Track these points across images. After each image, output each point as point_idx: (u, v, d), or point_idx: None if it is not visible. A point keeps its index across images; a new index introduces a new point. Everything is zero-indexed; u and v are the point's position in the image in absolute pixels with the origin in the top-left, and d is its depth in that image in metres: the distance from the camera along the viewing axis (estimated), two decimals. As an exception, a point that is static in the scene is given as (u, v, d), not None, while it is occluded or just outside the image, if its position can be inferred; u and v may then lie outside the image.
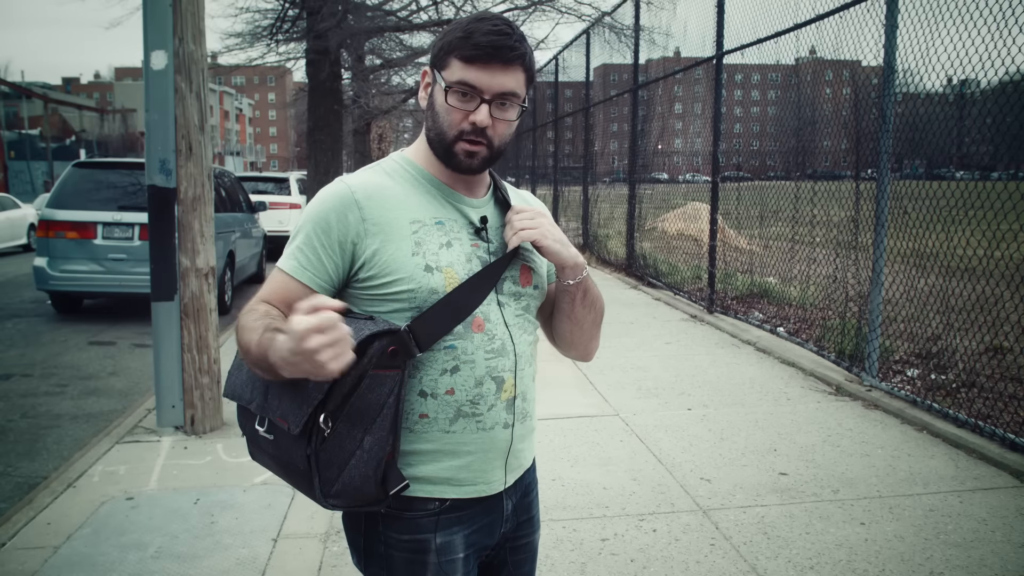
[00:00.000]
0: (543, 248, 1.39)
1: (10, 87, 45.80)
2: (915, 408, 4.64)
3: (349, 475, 1.25)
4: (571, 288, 1.46)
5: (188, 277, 4.35)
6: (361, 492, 1.26)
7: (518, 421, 1.42)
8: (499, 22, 1.31)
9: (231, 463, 4.02)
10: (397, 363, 1.26)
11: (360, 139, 23.95)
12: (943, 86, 4.88)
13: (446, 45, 1.32)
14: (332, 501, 1.26)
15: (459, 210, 1.40)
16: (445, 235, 1.36)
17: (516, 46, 1.30)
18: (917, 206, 4.76)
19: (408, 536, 1.38)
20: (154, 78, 4.26)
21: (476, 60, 1.29)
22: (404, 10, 13.41)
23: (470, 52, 1.29)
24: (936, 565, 2.94)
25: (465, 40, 1.29)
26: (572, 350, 1.59)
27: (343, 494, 1.26)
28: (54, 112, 49.21)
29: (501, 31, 1.30)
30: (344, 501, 1.27)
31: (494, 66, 1.29)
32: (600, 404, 4.99)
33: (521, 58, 1.31)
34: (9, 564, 2.99)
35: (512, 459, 1.44)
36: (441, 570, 1.39)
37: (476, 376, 1.35)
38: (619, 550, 3.08)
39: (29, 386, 5.92)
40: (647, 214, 11.53)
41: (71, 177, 8.32)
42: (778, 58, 7.04)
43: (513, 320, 1.41)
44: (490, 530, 1.46)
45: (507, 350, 1.38)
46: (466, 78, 1.29)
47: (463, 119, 1.31)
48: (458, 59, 1.30)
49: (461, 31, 1.30)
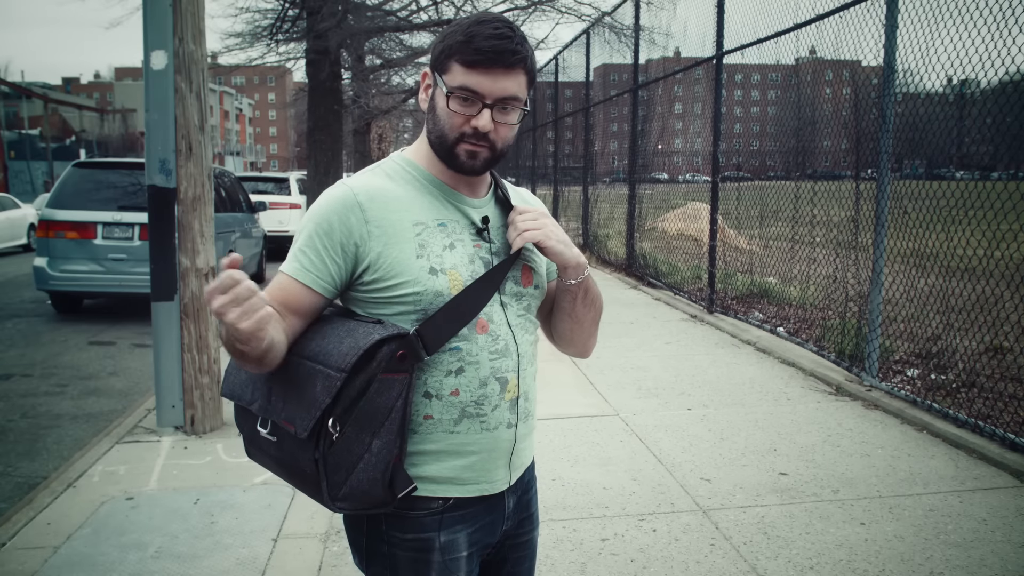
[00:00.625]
0: (546, 249, 1.39)
1: (10, 87, 45.80)
2: (915, 408, 4.64)
3: (357, 479, 1.25)
4: (573, 287, 1.46)
5: (188, 277, 4.35)
6: (369, 495, 1.27)
7: (521, 420, 1.43)
8: (500, 24, 1.29)
9: (231, 463, 4.02)
10: (405, 367, 1.26)
11: (360, 139, 23.95)
12: (943, 86, 4.89)
13: (447, 48, 1.30)
14: (339, 504, 1.26)
15: (461, 211, 1.39)
16: (448, 237, 1.35)
17: (518, 49, 1.28)
18: (917, 206, 4.77)
19: (412, 535, 1.38)
20: (154, 78, 4.26)
21: (478, 65, 1.27)
22: (404, 10, 13.41)
23: (472, 57, 1.27)
24: (936, 565, 2.94)
25: (466, 44, 1.27)
26: (571, 347, 1.59)
27: (350, 497, 1.26)
28: (54, 112, 49.22)
29: (503, 34, 1.28)
30: (351, 504, 1.27)
31: (496, 71, 1.28)
32: (600, 404, 4.99)
33: (523, 61, 1.30)
34: (9, 564, 2.99)
35: (515, 458, 1.45)
36: (446, 568, 1.39)
37: (480, 377, 1.35)
38: (619, 550, 3.08)
39: (29, 386, 5.92)
40: (647, 214, 11.53)
41: (71, 177, 8.32)
42: (778, 58, 7.04)
43: (515, 320, 1.41)
44: (492, 528, 1.46)
45: (510, 350, 1.39)
46: (468, 83, 1.28)
47: (465, 123, 1.31)
48: (459, 63, 1.29)
49: (462, 34, 1.29)
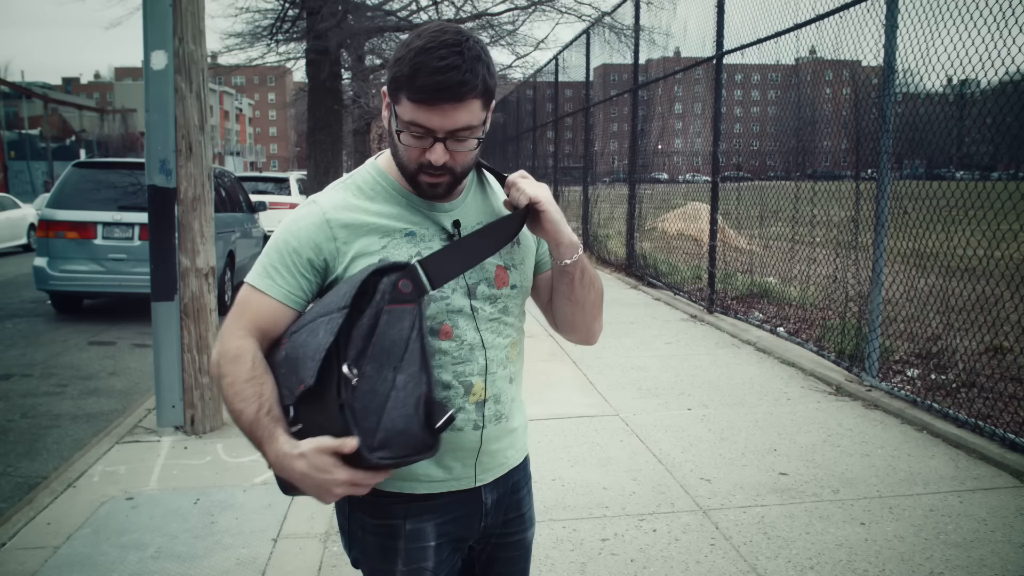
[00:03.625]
0: (544, 215, 1.35)
1: (10, 87, 45.80)
2: (915, 408, 4.64)
3: (390, 418, 1.19)
4: (569, 268, 1.43)
5: (188, 277, 4.35)
6: (406, 435, 1.20)
7: (490, 423, 1.42)
8: (447, 52, 1.21)
9: (231, 463, 4.02)
10: (411, 297, 1.23)
11: (360, 139, 23.98)
12: (943, 86, 4.88)
13: (396, 79, 1.25)
14: (379, 455, 1.18)
15: (430, 217, 1.39)
16: (415, 245, 1.35)
17: (466, 79, 1.21)
18: (917, 206, 4.76)
19: (379, 520, 1.40)
20: (154, 78, 4.26)
21: (424, 102, 1.22)
22: (404, 10, 13.42)
23: (416, 95, 1.22)
24: (936, 565, 2.94)
25: (411, 80, 1.22)
26: (575, 333, 1.55)
27: (388, 443, 1.18)
28: (54, 112, 49.22)
29: (449, 65, 1.20)
30: (392, 452, 1.19)
31: (444, 106, 1.22)
32: (600, 404, 4.99)
33: (473, 90, 1.23)
34: (9, 564, 2.99)
35: (486, 458, 1.44)
36: (410, 556, 1.40)
37: (443, 381, 1.36)
38: (619, 550, 3.08)
39: (29, 386, 5.92)
40: (647, 214, 11.53)
41: (71, 177, 8.32)
42: (778, 58, 7.04)
43: (486, 324, 1.40)
44: (467, 522, 1.46)
45: (475, 356, 1.38)
46: (417, 119, 1.24)
47: (420, 155, 1.29)
48: (407, 98, 1.24)
49: (408, 66, 1.22)
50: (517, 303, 1.47)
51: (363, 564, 1.46)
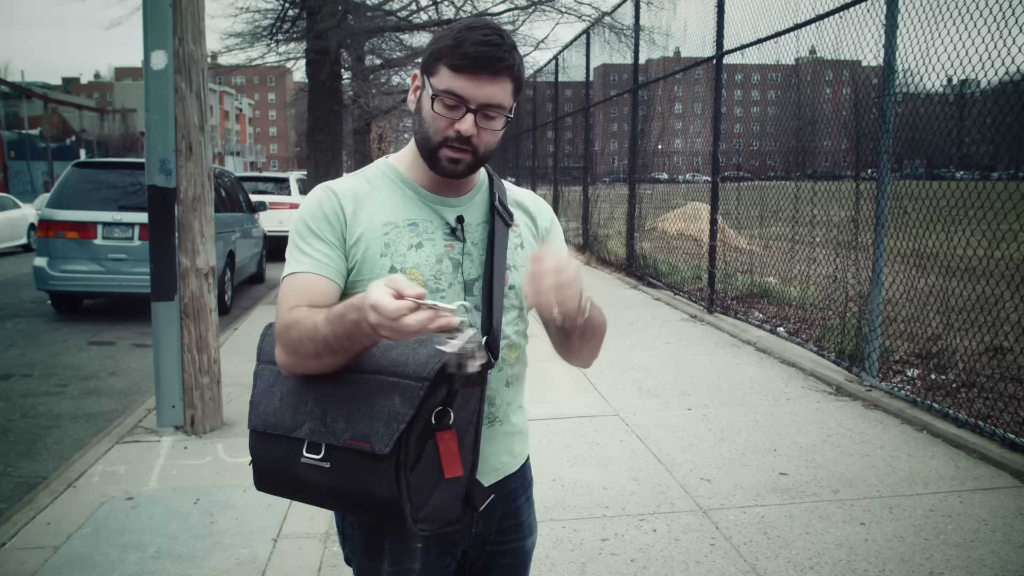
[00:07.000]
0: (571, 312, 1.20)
1: (10, 87, 45.83)
2: (915, 408, 4.64)
3: (440, 497, 1.22)
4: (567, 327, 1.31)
5: (188, 277, 4.35)
6: (448, 513, 1.25)
7: (484, 425, 1.39)
8: (490, 31, 1.29)
9: (231, 463, 4.02)
10: (479, 380, 1.24)
11: (360, 139, 23.96)
12: (943, 86, 4.88)
13: (436, 52, 1.31)
14: (421, 526, 1.21)
15: (435, 211, 1.39)
16: (417, 236, 1.36)
17: (505, 57, 1.28)
18: (917, 206, 4.76)
19: None
20: (154, 78, 4.26)
21: (464, 70, 1.28)
22: (404, 10, 13.39)
23: (458, 61, 1.28)
24: (936, 565, 2.94)
25: (454, 49, 1.28)
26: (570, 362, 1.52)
27: (432, 518, 1.22)
28: (54, 112, 49.22)
29: (491, 41, 1.28)
30: (432, 525, 1.23)
31: (482, 77, 1.28)
32: (600, 404, 4.99)
33: (510, 69, 1.30)
34: (9, 564, 2.99)
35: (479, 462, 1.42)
36: (396, 557, 1.40)
37: None
38: (619, 550, 3.08)
39: (29, 386, 5.92)
40: (647, 214, 11.53)
41: (71, 177, 8.32)
42: (778, 58, 7.05)
43: None
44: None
45: None
46: (453, 87, 1.28)
47: (448, 126, 1.31)
48: (447, 67, 1.29)
49: (451, 39, 1.29)
50: (514, 304, 1.43)
51: (353, 562, 1.47)
